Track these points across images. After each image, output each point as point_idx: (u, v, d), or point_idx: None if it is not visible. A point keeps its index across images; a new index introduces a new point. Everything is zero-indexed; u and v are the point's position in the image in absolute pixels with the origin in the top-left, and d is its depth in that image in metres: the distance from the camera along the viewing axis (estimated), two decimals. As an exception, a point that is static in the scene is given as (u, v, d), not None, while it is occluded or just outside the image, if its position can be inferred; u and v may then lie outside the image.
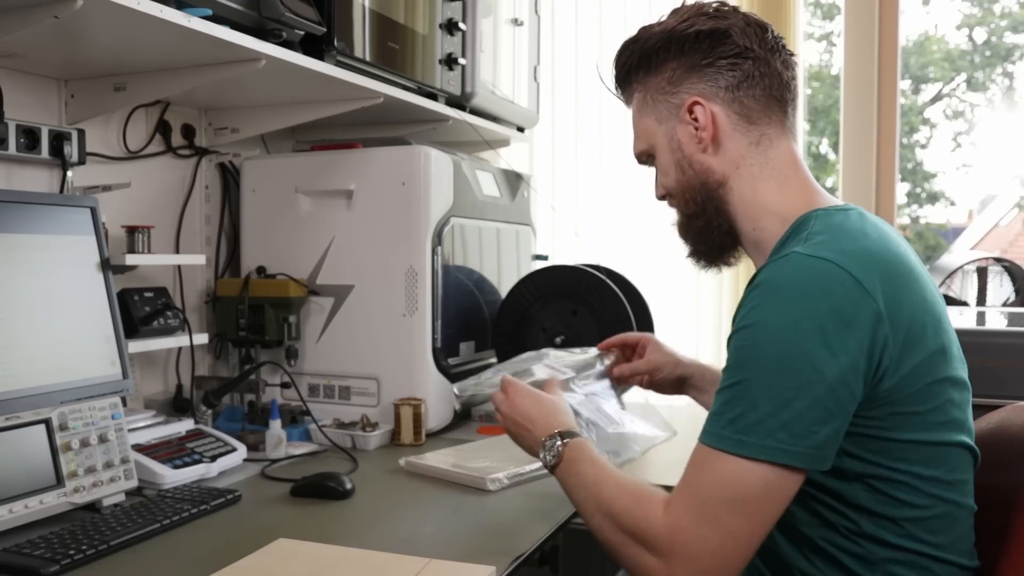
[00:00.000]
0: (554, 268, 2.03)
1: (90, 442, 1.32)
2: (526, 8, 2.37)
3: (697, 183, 1.14)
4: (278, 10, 1.48)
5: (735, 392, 0.95)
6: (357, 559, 1.14)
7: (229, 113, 1.96)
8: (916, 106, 7.64)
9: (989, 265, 2.54)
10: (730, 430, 0.94)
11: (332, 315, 1.91)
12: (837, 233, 1.01)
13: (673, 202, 1.20)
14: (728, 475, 0.94)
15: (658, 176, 1.20)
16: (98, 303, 1.44)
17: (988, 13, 7.59)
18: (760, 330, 0.95)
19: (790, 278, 0.96)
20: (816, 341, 0.92)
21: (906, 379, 0.96)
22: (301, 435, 1.81)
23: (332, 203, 1.91)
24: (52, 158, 1.57)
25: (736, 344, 0.98)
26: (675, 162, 1.15)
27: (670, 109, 1.14)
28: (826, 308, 0.93)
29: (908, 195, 7.77)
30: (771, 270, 0.98)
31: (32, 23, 1.24)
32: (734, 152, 1.12)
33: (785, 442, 0.92)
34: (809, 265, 0.96)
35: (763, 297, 0.97)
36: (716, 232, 1.16)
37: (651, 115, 1.16)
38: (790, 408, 0.92)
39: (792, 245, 1.02)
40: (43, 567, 1.08)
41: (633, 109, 1.20)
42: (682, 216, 1.19)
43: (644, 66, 1.16)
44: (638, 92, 1.18)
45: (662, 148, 1.16)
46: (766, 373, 0.93)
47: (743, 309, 0.99)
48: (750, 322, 0.96)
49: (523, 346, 1.97)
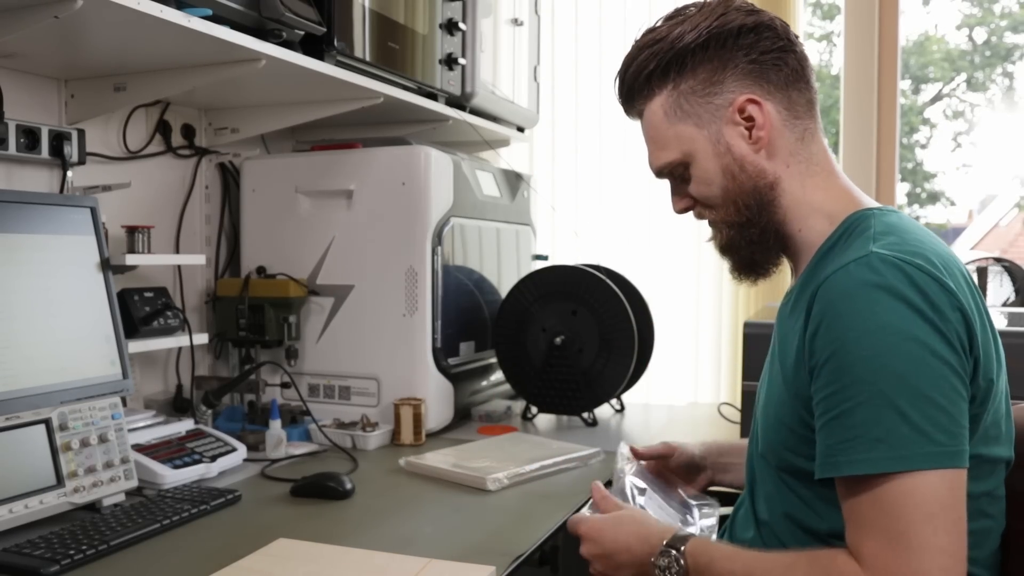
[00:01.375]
0: (554, 268, 2.03)
1: (90, 442, 1.32)
2: (526, 8, 2.37)
3: (750, 187, 1.06)
4: (278, 10, 1.48)
5: (872, 408, 0.88)
6: (357, 559, 1.14)
7: (229, 113, 1.96)
8: (916, 106, 7.64)
9: (989, 265, 2.54)
10: (883, 450, 0.87)
11: (332, 315, 1.91)
12: (904, 235, 0.97)
13: (711, 213, 1.11)
14: (913, 496, 0.86)
15: (682, 188, 1.12)
16: (98, 303, 1.44)
17: (988, 13, 7.59)
18: (875, 336, 0.88)
19: (882, 279, 0.90)
20: (934, 334, 0.88)
21: (981, 383, 0.93)
22: (301, 435, 1.81)
23: (332, 203, 1.91)
24: (52, 158, 1.57)
25: (848, 358, 0.90)
26: (723, 167, 1.07)
27: (712, 111, 1.06)
28: (927, 305, 0.89)
29: (908, 195, 7.77)
30: (853, 273, 0.92)
31: (32, 23, 1.24)
32: (784, 150, 1.07)
33: (946, 444, 0.87)
34: (896, 265, 0.91)
35: (860, 303, 0.90)
36: (772, 238, 1.09)
37: (686, 120, 1.07)
38: (936, 407, 0.87)
39: (856, 245, 0.98)
40: (43, 567, 1.08)
41: (655, 118, 1.10)
42: (731, 227, 1.10)
43: (676, 67, 1.07)
44: (662, 97, 1.09)
45: (704, 155, 1.07)
46: (901, 377, 0.87)
47: (835, 321, 0.91)
48: (858, 332, 0.89)
49: (523, 346, 1.98)
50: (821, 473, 0.93)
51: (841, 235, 1.04)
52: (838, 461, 0.90)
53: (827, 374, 0.92)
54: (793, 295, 1.08)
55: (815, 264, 1.04)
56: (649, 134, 1.12)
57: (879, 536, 0.87)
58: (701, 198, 1.11)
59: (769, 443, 1.07)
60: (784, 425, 1.03)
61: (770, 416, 1.06)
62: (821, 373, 0.93)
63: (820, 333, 0.93)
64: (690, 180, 1.10)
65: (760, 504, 1.11)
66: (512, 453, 1.65)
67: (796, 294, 1.06)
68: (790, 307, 1.07)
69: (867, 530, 0.88)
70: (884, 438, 0.87)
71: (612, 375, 1.93)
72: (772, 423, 1.06)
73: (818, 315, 0.94)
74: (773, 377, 1.08)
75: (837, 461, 0.91)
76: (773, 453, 1.06)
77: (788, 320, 1.06)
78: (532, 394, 1.99)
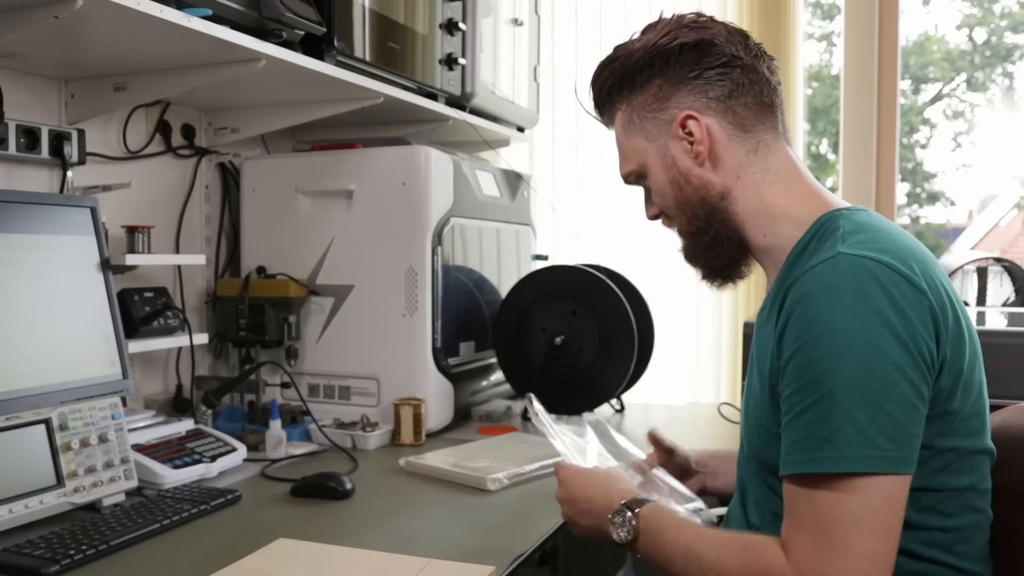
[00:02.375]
0: (554, 268, 2.03)
1: (90, 442, 1.32)
2: (526, 8, 2.37)
3: (697, 198, 1.10)
4: (278, 10, 1.48)
5: (822, 409, 0.89)
6: (357, 559, 1.14)
7: (229, 113, 1.96)
8: (916, 106, 7.64)
9: (989, 265, 2.54)
10: (828, 450, 0.89)
11: (332, 315, 1.91)
12: (873, 232, 0.98)
13: (672, 223, 1.16)
14: (844, 498, 0.88)
15: (651, 196, 1.17)
16: (98, 303, 1.44)
17: (988, 13, 7.58)
18: (832, 337, 0.90)
19: (846, 279, 0.91)
20: (890, 338, 0.89)
21: (956, 377, 0.94)
22: (301, 435, 1.81)
23: (332, 203, 1.91)
24: (52, 158, 1.57)
25: (806, 358, 0.91)
26: (671, 180, 1.11)
27: (660, 126, 1.11)
28: (889, 305, 0.90)
29: (908, 195, 7.76)
30: (819, 275, 0.93)
31: (32, 23, 1.24)
32: (733, 162, 1.09)
33: (888, 449, 0.88)
34: (861, 264, 0.92)
35: (822, 303, 0.92)
36: (726, 244, 1.12)
37: (639, 134, 1.13)
38: (883, 412, 0.88)
39: (826, 246, 0.98)
40: (43, 567, 1.08)
41: (617, 130, 1.17)
42: (686, 237, 1.15)
43: (628, 84, 1.13)
44: (621, 112, 1.15)
45: (655, 167, 1.13)
46: (852, 380, 0.88)
47: (798, 321, 0.93)
48: (816, 332, 0.91)
49: (523, 346, 1.98)
50: (781, 471, 0.95)
51: (812, 237, 1.04)
52: (788, 461, 0.93)
53: (789, 373, 0.94)
54: (768, 299, 1.08)
55: (788, 267, 1.05)
56: (616, 144, 1.19)
57: (807, 533, 0.90)
58: (662, 207, 1.16)
59: (753, 447, 1.08)
60: (764, 428, 1.04)
61: (752, 420, 1.08)
62: (785, 373, 0.95)
63: (786, 333, 0.95)
64: (649, 190, 1.17)
65: (751, 508, 1.11)
66: (512, 453, 1.65)
67: (771, 298, 1.06)
68: (766, 312, 1.07)
69: (797, 526, 0.92)
70: (829, 438, 0.89)
71: (612, 375, 1.93)
72: (754, 427, 1.07)
73: (785, 316, 0.96)
74: (753, 382, 1.10)
75: (787, 461, 0.93)
76: (757, 457, 1.07)
77: (764, 324, 1.06)
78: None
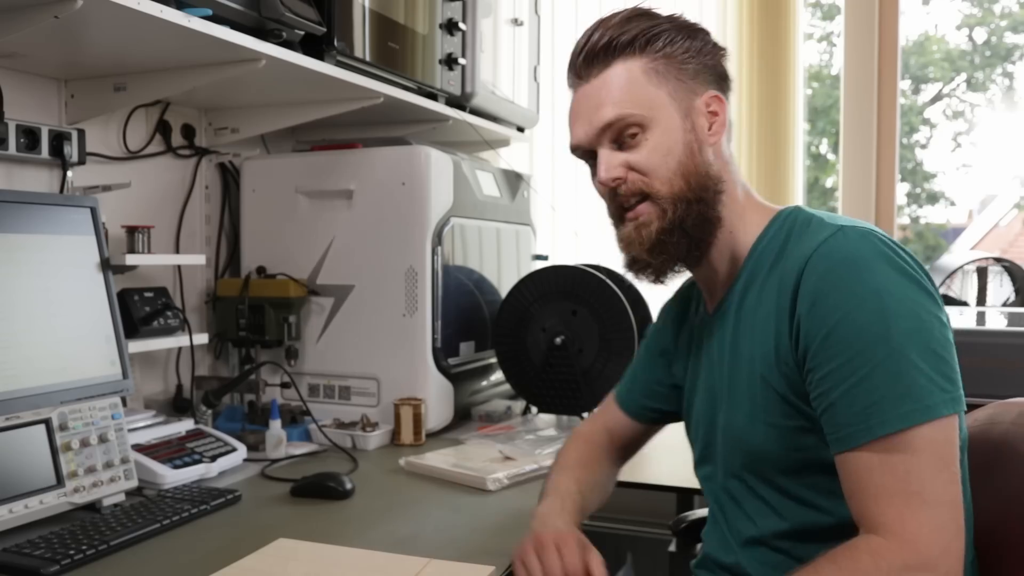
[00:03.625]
0: (554, 268, 2.03)
1: (90, 442, 1.32)
2: (526, 8, 2.37)
3: (704, 171, 1.05)
4: (278, 10, 1.48)
5: (889, 367, 0.90)
6: (357, 559, 1.14)
7: (229, 113, 1.96)
8: (916, 106, 7.64)
9: (989, 265, 2.54)
10: (911, 402, 0.89)
11: (332, 315, 1.91)
12: (835, 217, 1.03)
13: (659, 186, 1.04)
14: (924, 450, 0.88)
15: (641, 153, 1.05)
16: (98, 303, 1.44)
17: (988, 13, 7.58)
18: (877, 299, 0.91)
19: (864, 247, 0.94)
20: (921, 291, 0.93)
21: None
22: (301, 435, 1.81)
23: (332, 203, 1.91)
24: (52, 158, 1.57)
25: (853, 326, 0.91)
26: (685, 143, 1.04)
27: (686, 90, 1.05)
28: (909, 264, 0.94)
29: (908, 195, 7.76)
30: (836, 249, 0.95)
31: (32, 23, 1.24)
32: (726, 155, 1.09)
33: (951, 391, 0.91)
34: (869, 233, 0.96)
35: (853, 271, 0.93)
36: (711, 228, 1.06)
37: (663, 87, 1.05)
38: (939, 358, 0.91)
39: (815, 229, 1.00)
40: (43, 567, 1.08)
41: (629, 75, 1.05)
42: (674, 204, 1.04)
43: (663, 38, 1.05)
44: (644, 60, 1.05)
45: (670, 125, 1.04)
46: (908, 335, 0.90)
47: (832, 294, 0.93)
48: (859, 299, 0.92)
49: (523, 346, 1.98)
50: (846, 445, 0.92)
51: (780, 227, 1.06)
52: (871, 425, 0.90)
53: (833, 346, 0.93)
54: (742, 294, 1.07)
55: (758, 258, 1.05)
56: (612, 92, 1.05)
57: (895, 500, 0.89)
58: (648, 167, 1.04)
59: (753, 455, 1.05)
60: (774, 427, 1.01)
61: (746, 428, 1.04)
62: (822, 349, 0.94)
63: (816, 307, 0.95)
64: (637, 147, 1.05)
65: (743, 524, 1.08)
66: (512, 453, 1.65)
67: (758, 288, 1.04)
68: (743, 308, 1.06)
69: (881, 498, 0.89)
70: (907, 393, 0.89)
71: (612, 375, 1.93)
72: (752, 433, 1.04)
73: (809, 293, 0.95)
74: (733, 389, 1.07)
75: (869, 425, 0.90)
76: (761, 464, 1.04)
77: (747, 320, 1.05)
78: (532, 394, 1.99)
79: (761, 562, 1.06)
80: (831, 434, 0.94)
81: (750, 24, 2.79)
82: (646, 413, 1.30)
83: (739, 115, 2.83)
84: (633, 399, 1.31)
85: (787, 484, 1.03)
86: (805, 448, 0.99)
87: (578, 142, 1.11)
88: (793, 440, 1.00)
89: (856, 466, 0.92)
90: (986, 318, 2.14)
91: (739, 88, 2.83)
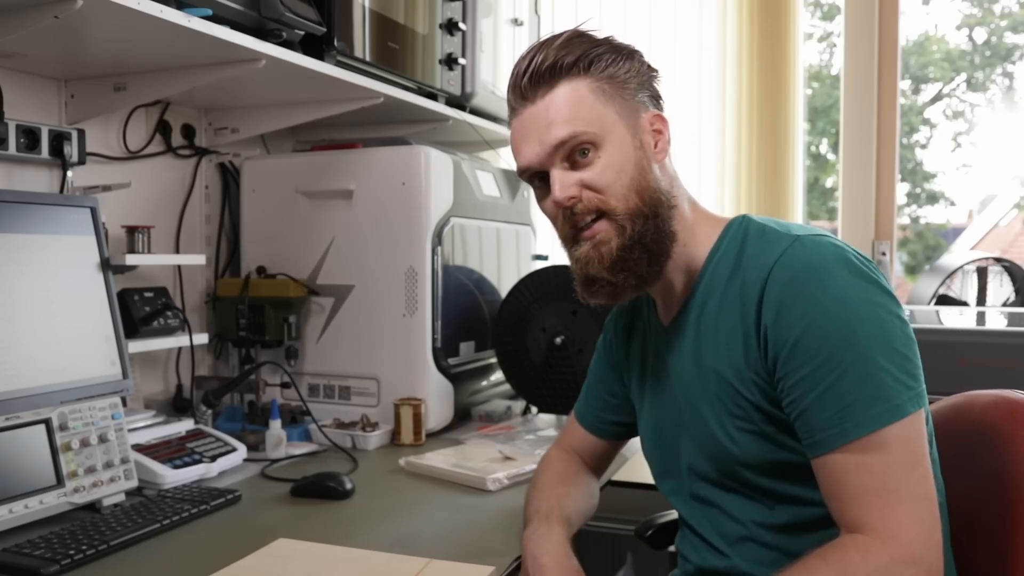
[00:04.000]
0: (554, 268, 2.02)
1: (90, 442, 1.32)
2: (526, 8, 2.37)
3: (655, 186, 1.06)
4: (278, 10, 1.48)
5: (858, 370, 0.92)
6: (357, 559, 1.14)
7: (229, 113, 1.96)
8: (916, 106, 7.64)
9: (989, 265, 2.54)
10: (882, 404, 0.91)
11: (332, 315, 1.91)
12: (787, 225, 1.05)
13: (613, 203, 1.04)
14: (895, 448, 0.91)
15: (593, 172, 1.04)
16: (98, 303, 1.44)
17: (988, 13, 7.59)
18: (840, 305, 0.93)
19: (823, 256, 0.96)
20: (880, 292, 0.95)
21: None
22: (301, 435, 1.81)
23: (332, 203, 1.91)
24: (52, 158, 1.57)
25: (821, 332, 0.93)
26: (636, 160, 1.05)
27: (632, 108, 1.07)
28: (866, 268, 0.97)
29: (908, 195, 7.77)
30: (797, 258, 0.97)
31: (32, 23, 1.24)
32: (671, 171, 1.10)
33: (915, 387, 0.93)
34: (824, 242, 0.98)
35: (816, 279, 0.95)
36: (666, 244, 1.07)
37: (611, 105, 1.05)
38: (903, 356, 0.93)
39: (771, 240, 1.02)
40: (43, 567, 1.08)
41: (577, 94, 1.05)
42: (632, 221, 1.04)
43: (606, 58, 1.06)
44: (590, 80, 1.05)
45: (620, 142, 1.05)
46: (872, 337, 0.92)
47: (797, 302, 0.95)
48: (823, 305, 0.94)
49: (523, 346, 1.98)
50: (822, 449, 0.94)
51: (733, 237, 1.07)
52: (844, 428, 0.92)
53: (801, 354, 0.95)
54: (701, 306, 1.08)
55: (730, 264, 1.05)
56: (562, 110, 1.04)
57: (874, 499, 0.91)
58: (602, 185, 1.04)
59: (729, 462, 1.05)
60: (748, 433, 1.02)
61: (719, 436, 1.05)
62: (792, 355, 0.95)
63: (781, 317, 0.96)
64: (588, 165, 1.04)
65: (729, 526, 1.08)
66: (512, 453, 1.65)
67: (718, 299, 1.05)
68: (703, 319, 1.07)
69: (861, 498, 0.91)
70: (877, 394, 0.91)
71: (612, 375, 1.93)
72: (727, 440, 1.04)
73: (775, 301, 0.97)
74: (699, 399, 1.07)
75: (843, 429, 0.92)
76: (739, 468, 1.04)
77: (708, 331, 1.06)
78: (532, 394, 1.99)
79: (754, 560, 1.06)
80: (806, 439, 0.96)
81: (750, 24, 2.79)
82: (606, 428, 1.31)
83: (739, 115, 2.83)
84: (592, 414, 1.32)
85: (770, 484, 1.04)
86: (784, 449, 1.01)
87: (528, 163, 1.08)
88: (770, 443, 1.01)
89: (833, 469, 0.94)
90: (986, 318, 2.14)
91: (739, 88, 2.83)
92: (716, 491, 1.09)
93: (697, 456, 1.10)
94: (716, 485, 1.09)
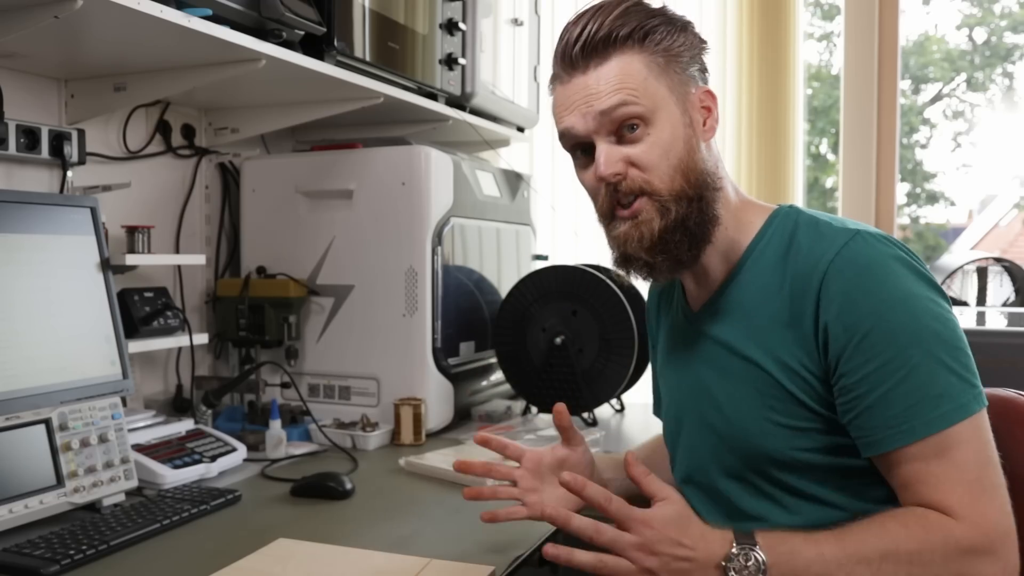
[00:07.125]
0: (554, 268, 2.03)
1: (90, 442, 1.32)
2: (526, 8, 2.37)
3: (702, 167, 1.03)
4: (278, 10, 1.48)
5: (924, 369, 0.93)
6: (357, 559, 1.14)
7: (229, 113, 1.96)
8: (916, 106, 7.64)
9: (989, 265, 2.54)
10: (948, 403, 0.92)
11: (332, 315, 1.91)
12: (841, 220, 1.05)
13: (658, 183, 1.01)
14: (971, 442, 0.92)
15: (641, 149, 1.01)
16: (98, 303, 1.44)
17: (988, 13, 7.59)
18: (905, 304, 0.94)
19: (883, 253, 0.97)
20: (937, 293, 0.97)
21: None
22: (301, 435, 1.81)
23: (332, 203, 1.91)
24: (52, 158, 1.57)
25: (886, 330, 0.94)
26: (685, 139, 1.02)
27: (683, 84, 1.04)
28: (923, 268, 0.99)
29: (908, 195, 7.76)
30: (857, 254, 0.97)
31: (32, 23, 1.24)
32: (716, 152, 1.08)
33: (977, 386, 0.94)
34: (885, 242, 0.99)
35: (877, 277, 0.95)
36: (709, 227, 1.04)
37: (662, 80, 1.02)
38: (964, 355, 0.95)
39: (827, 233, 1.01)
40: (43, 567, 1.08)
41: (630, 67, 1.01)
42: (676, 202, 1.01)
43: (661, 31, 1.03)
44: (644, 54, 1.02)
45: (670, 120, 1.02)
46: (937, 336, 0.93)
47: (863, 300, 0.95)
48: (889, 304, 0.94)
49: (523, 346, 1.98)
50: (886, 447, 0.94)
51: (779, 227, 1.06)
52: (913, 426, 0.92)
53: (867, 350, 0.94)
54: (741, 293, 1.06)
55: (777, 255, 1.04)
56: (612, 83, 1.01)
57: (959, 488, 0.91)
58: (648, 163, 1.01)
59: (757, 455, 1.03)
60: (782, 427, 1.00)
61: (749, 428, 1.03)
62: (857, 352, 0.95)
63: (845, 313, 0.96)
64: (636, 141, 1.02)
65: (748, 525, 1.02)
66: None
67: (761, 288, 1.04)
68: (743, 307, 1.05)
69: (944, 487, 0.92)
70: (944, 393, 0.92)
71: (612, 375, 1.93)
72: (757, 432, 1.02)
73: (836, 299, 0.96)
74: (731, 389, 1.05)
75: (912, 426, 0.92)
76: (766, 463, 1.03)
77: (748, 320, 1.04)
78: (532, 394, 1.99)
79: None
80: (867, 436, 0.95)
81: (750, 24, 2.79)
82: None
83: (739, 115, 2.83)
84: (656, 404, 1.33)
85: (796, 482, 1.02)
86: (816, 449, 0.99)
87: (573, 130, 1.04)
88: (802, 440, 1.00)
89: (907, 460, 0.94)
90: (986, 318, 2.14)
91: (739, 88, 2.83)
92: (734, 485, 1.07)
93: (720, 448, 1.08)
94: (736, 479, 1.07)
